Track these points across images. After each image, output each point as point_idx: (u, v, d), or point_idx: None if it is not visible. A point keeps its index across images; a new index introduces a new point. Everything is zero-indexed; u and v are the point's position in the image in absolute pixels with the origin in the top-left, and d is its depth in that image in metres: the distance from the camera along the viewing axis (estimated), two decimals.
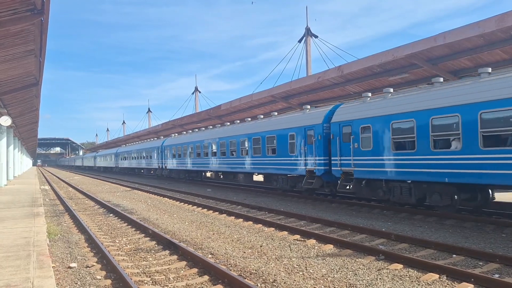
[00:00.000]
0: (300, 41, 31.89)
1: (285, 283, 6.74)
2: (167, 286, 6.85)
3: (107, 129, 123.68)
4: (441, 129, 11.82)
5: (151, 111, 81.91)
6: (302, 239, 10.06)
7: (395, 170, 13.26)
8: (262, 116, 24.32)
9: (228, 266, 7.87)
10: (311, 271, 7.39)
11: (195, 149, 30.31)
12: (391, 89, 14.87)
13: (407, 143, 13.11)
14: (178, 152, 34.40)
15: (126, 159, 54.77)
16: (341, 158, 15.51)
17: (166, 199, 21.01)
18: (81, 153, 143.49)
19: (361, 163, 14.59)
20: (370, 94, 15.70)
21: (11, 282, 5.94)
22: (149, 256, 8.97)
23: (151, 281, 7.11)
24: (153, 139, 50.22)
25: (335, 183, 16.21)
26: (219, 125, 31.04)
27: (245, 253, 8.93)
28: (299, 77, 27.70)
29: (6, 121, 24.81)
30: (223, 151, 25.69)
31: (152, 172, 45.85)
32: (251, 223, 12.71)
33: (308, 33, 31.28)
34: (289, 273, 7.28)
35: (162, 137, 47.09)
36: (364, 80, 20.65)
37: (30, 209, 14.70)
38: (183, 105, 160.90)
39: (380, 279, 6.85)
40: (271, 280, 6.93)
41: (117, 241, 10.66)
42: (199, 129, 33.05)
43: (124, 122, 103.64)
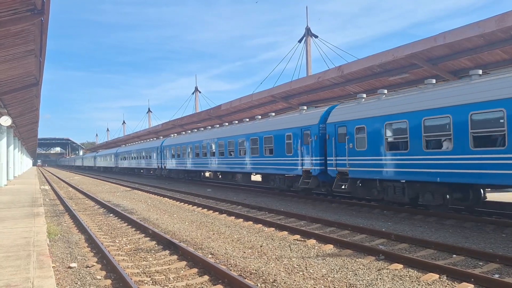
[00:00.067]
0: (300, 41, 31.94)
1: (285, 283, 6.74)
2: (167, 286, 6.85)
3: (107, 129, 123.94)
4: (433, 129, 11.97)
5: (151, 111, 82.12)
6: (302, 239, 10.07)
7: (388, 170, 13.38)
8: (260, 116, 24.34)
9: (228, 266, 7.87)
10: (311, 271, 7.39)
11: (194, 149, 30.34)
12: (385, 90, 14.97)
13: (400, 143, 13.23)
14: (177, 152, 34.43)
15: (125, 159, 54.80)
16: (337, 158, 15.60)
17: (166, 199, 21.01)
18: (81, 153, 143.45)
19: (356, 163, 14.70)
20: (364, 95, 15.82)
21: (11, 282, 5.94)
22: (149, 256, 8.98)
23: (151, 281, 7.12)
24: (153, 139, 50.22)
25: (331, 183, 16.28)
26: (218, 125, 31.06)
27: (245, 253, 8.94)
28: (299, 77, 27.75)
29: (6, 121, 24.82)
30: (222, 151, 25.73)
31: (151, 172, 45.88)
32: (251, 223, 12.72)
33: (308, 33, 31.30)
34: (289, 273, 7.28)
35: (161, 137, 47.10)
36: (364, 80, 20.67)
37: (30, 209, 14.70)
38: (183, 105, 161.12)
39: (380, 279, 6.85)
40: (271, 280, 6.93)
41: (117, 241, 10.66)
42: (199, 129, 33.08)
43: (124, 122, 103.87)
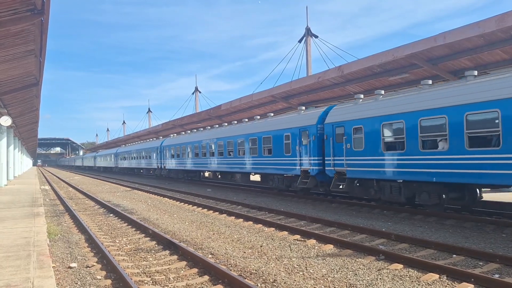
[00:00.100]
0: (300, 41, 31.91)
1: (285, 283, 6.74)
2: (167, 286, 6.85)
3: (107, 129, 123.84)
4: (429, 130, 12.03)
5: (151, 111, 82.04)
6: (302, 239, 10.07)
7: (385, 170, 13.44)
8: (259, 117, 24.35)
9: (228, 266, 7.87)
10: (311, 271, 7.39)
11: (194, 149, 30.36)
12: (382, 91, 15.00)
13: (397, 143, 13.28)
14: (176, 152, 34.45)
15: (125, 159, 54.81)
16: (334, 158, 15.65)
17: (166, 199, 21.01)
18: (81, 153, 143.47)
19: (353, 163, 14.76)
20: (362, 95, 15.86)
21: (11, 282, 5.94)
22: (149, 256, 8.98)
23: (151, 281, 7.12)
24: (153, 139, 50.23)
25: (329, 182, 16.33)
26: (217, 125, 31.05)
27: (245, 253, 8.94)
28: (299, 77, 27.73)
29: (6, 121, 24.81)
30: (221, 151, 25.75)
31: (151, 172, 45.89)
32: (251, 223, 12.72)
33: (308, 33, 31.28)
34: (289, 273, 7.28)
35: (161, 137, 47.11)
36: (364, 80, 20.66)
37: (30, 209, 14.70)
38: (183, 105, 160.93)
39: (380, 279, 6.85)
40: (271, 280, 6.93)
41: (117, 241, 10.66)
42: (198, 130, 33.11)
43: (124, 122, 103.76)
